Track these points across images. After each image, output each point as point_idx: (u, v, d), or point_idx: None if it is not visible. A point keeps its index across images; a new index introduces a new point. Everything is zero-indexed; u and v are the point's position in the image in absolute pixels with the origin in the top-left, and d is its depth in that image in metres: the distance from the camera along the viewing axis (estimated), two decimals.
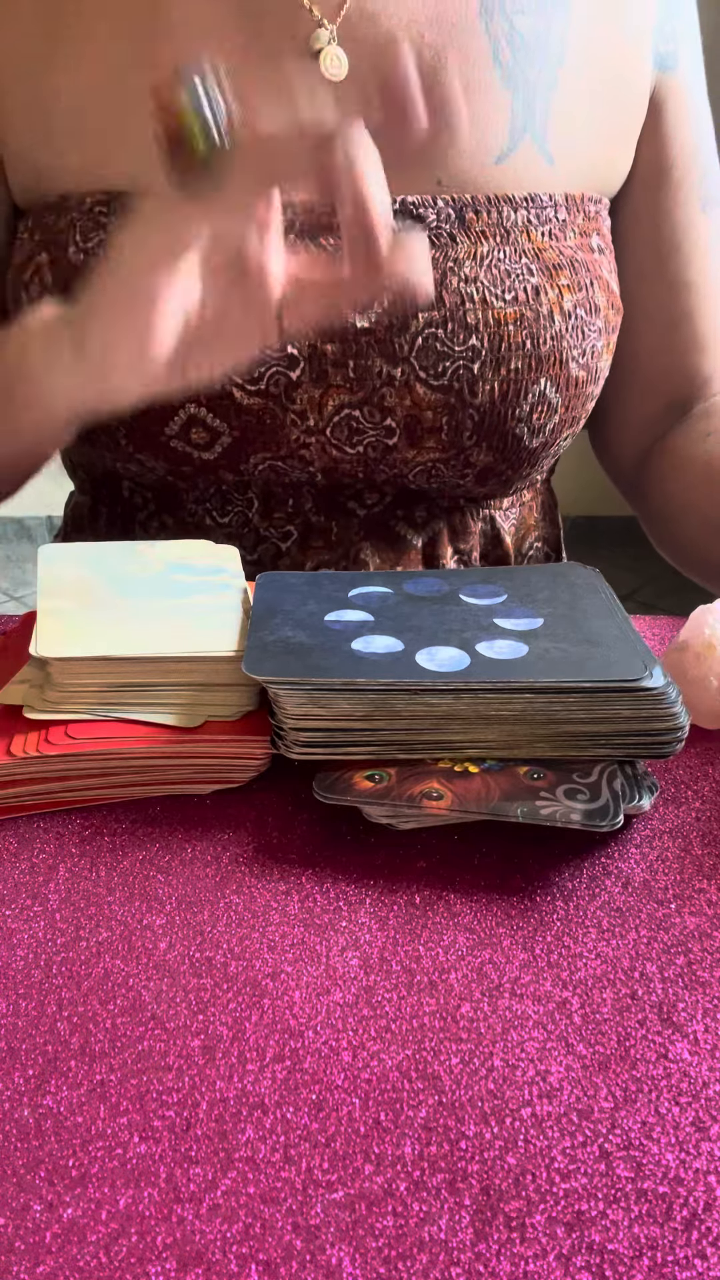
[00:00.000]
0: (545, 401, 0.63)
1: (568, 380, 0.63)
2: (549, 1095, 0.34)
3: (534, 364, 0.62)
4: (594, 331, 0.64)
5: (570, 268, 0.63)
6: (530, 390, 0.62)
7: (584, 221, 0.65)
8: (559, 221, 0.63)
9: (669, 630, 0.63)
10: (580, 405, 0.66)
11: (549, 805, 0.43)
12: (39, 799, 0.47)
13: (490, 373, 0.61)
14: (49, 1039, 0.36)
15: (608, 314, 0.66)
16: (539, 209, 0.62)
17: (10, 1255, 0.29)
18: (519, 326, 0.61)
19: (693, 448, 0.73)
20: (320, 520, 0.69)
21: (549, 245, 0.63)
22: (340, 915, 0.41)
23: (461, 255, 0.60)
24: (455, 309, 0.60)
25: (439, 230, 0.60)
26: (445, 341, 0.60)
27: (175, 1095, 0.34)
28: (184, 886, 0.43)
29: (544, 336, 0.61)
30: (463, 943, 0.40)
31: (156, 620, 0.50)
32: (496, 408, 0.62)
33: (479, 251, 0.61)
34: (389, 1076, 0.34)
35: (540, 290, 0.61)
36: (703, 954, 0.39)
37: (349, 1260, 0.29)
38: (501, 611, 0.51)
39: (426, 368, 0.60)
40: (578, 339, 0.63)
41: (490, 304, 0.60)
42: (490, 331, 0.60)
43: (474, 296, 0.60)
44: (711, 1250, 0.29)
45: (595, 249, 0.66)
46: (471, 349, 0.60)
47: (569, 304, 0.62)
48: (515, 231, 0.62)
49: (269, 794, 0.48)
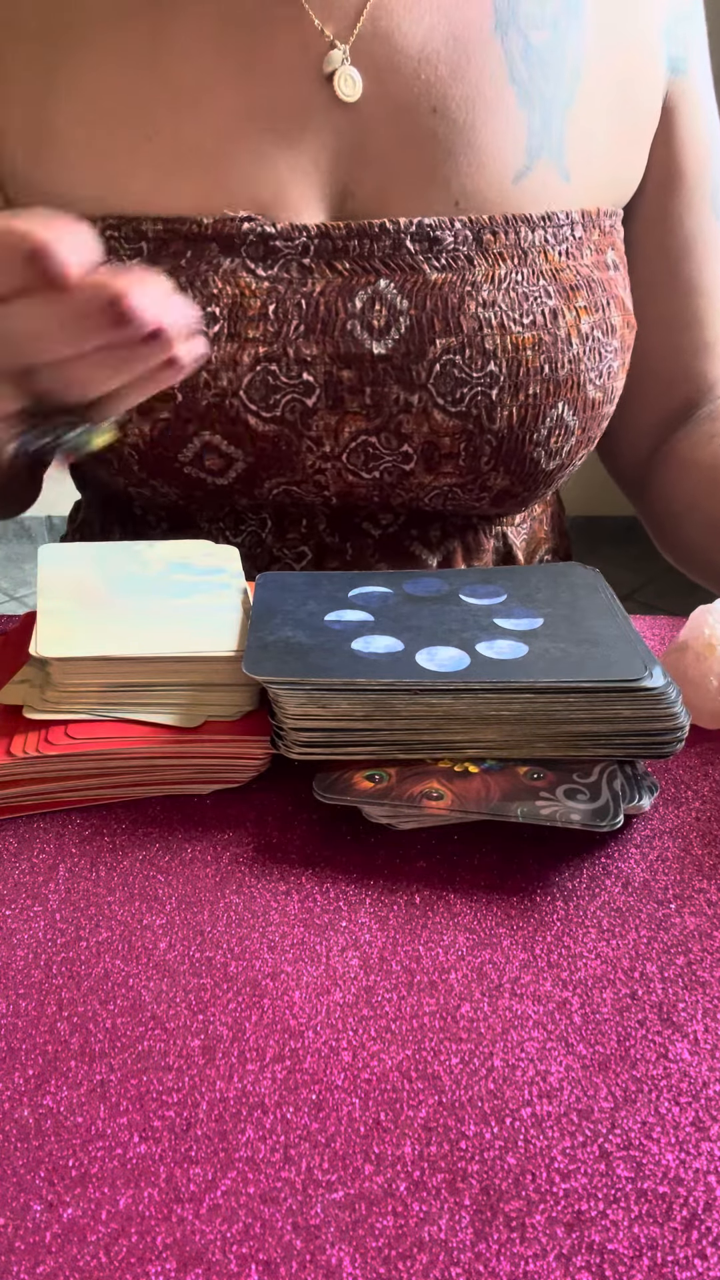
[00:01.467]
0: (563, 425, 0.63)
1: (585, 403, 0.63)
2: (549, 1095, 0.34)
3: (552, 388, 0.61)
4: (610, 352, 0.64)
5: (587, 288, 0.63)
6: (548, 415, 0.62)
7: (599, 237, 0.65)
8: (575, 239, 0.63)
9: (669, 630, 0.63)
10: (596, 425, 0.66)
11: (549, 805, 0.43)
12: (39, 799, 0.47)
13: (508, 398, 0.60)
14: (49, 1039, 0.36)
15: (623, 333, 0.65)
16: (555, 228, 0.62)
17: (10, 1255, 0.29)
18: (537, 351, 0.60)
19: (698, 451, 0.72)
20: (334, 541, 0.68)
21: (566, 265, 0.62)
22: (340, 915, 0.41)
23: (479, 278, 0.60)
24: (473, 335, 0.59)
25: (456, 252, 0.60)
26: (463, 368, 0.59)
27: (175, 1095, 0.34)
28: (184, 886, 0.43)
29: (562, 360, 0.61)
30: (463, 943, 0.40)
31: (156, 620, 0.50)
32: (515, 433, 0.61)
33: (496, 274, 0.60)
34: (389, 1076, 0.34)
35: (558, 313, 0.61)
36: (703, 954, 0.39)
37: (349, 1260, 0.29)
38: (501, 611, 0.51)
39: (444, 394, 0.60)
40: (595, 361, 0.63)
41: (508, 329, 0.60)
42: (508, 357, 0.60)
43: (492, 322, 0.59)
44: (711, 1250, 0.29)
45: (610, 265, 0.65)
46: (490, 375, 0.60)
47: (586, 326, 0.62)
48: (533, 252, 0.61)
49: (269, 794, 0.48)
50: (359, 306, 0.59)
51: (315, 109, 0.60)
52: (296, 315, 0.59)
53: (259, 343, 0.59)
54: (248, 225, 0.59)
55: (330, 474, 0.63)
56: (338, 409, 0.60)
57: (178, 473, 0.63)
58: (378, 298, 0.59)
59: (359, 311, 0.59)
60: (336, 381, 0.60)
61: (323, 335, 0.59)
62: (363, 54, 0.60)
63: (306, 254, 0.60)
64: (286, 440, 0.61)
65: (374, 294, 0.59)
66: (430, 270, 0.59)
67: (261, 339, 0.59)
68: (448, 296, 0.59)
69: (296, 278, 0.60)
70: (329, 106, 0.60)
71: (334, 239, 0.60)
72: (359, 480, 0.63)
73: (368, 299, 0.59)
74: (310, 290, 0.59)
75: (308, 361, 0.59)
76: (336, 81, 0.60)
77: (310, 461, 0.62)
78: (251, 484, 0.63)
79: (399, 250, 0.59)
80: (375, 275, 0.59)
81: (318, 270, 0.60)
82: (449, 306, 0.59)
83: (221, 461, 0.62)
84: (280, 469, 0.62)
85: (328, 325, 0.59)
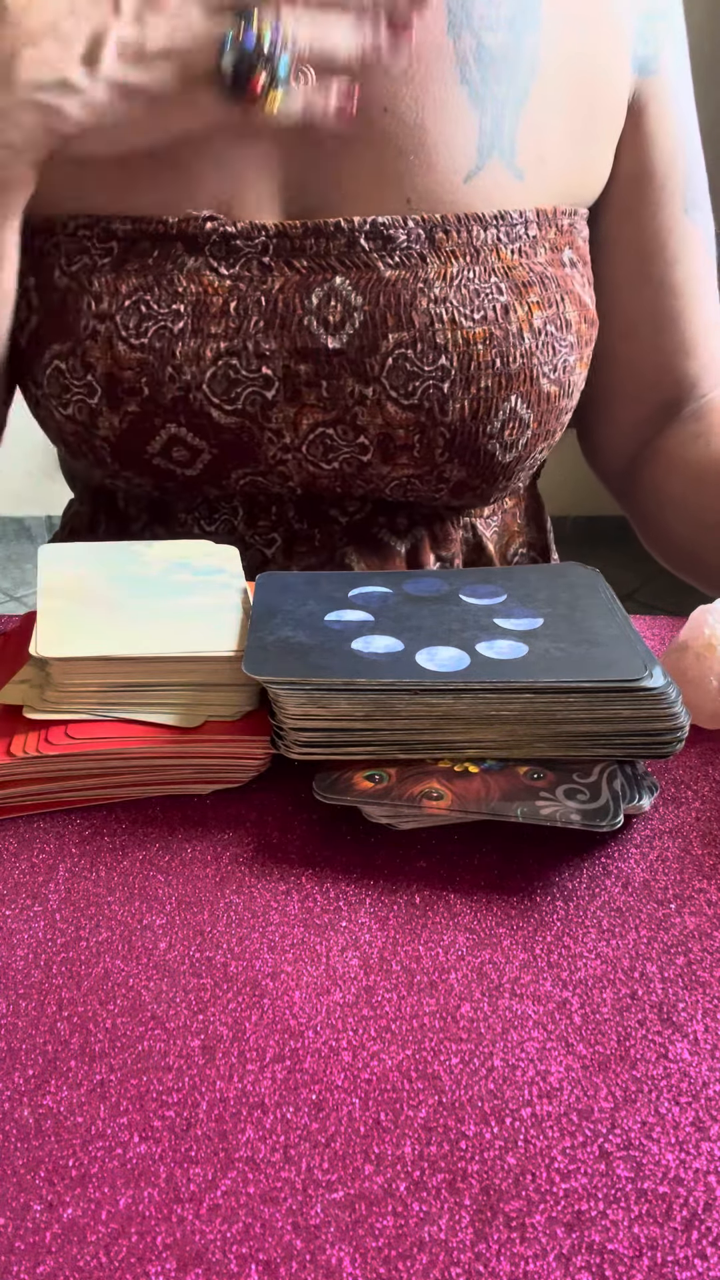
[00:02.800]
0: (517, 418, 0.64)
1: (539, 396, 0.64)
2: (549, 1095, 0.34)
3: (504, 382, 0.62)
4: (565, 347, 0.64)
5: (540, 284, 0.63)
6: (501, 408, 0.63)
7: (555, 236, 0.65)
8: (529, 238, 0.64)
9: (669, 630, 0.63)
10: (554, 419, 0.67)
11: (549, 805, 0.43)
12: (39, 799, 0.47)
13: (460, 391, 0.61)
14: (49, 1039, 0.36)
15: (580, 328, 0.66)
16: (509, 226, 0.63)
17: (10, 1255, 0.29)
18: (488, 345, 0.61)
19: (683, 450, 0.73)
20: (303, 528, 0.70)
21: (519, 263, 0.63)
22: (340, 915, 0.41)
23: (431, 276, 0.61)
24: (425, 329, 0.60)
25: (409, 250, 0.61)
26: (415, 361, 0.60)
27: (175, 1095, 0.34)
28: (184, 886, 0.43)
29: (514, 354, 0.62)
30: (463, 943, 0.40)
31: (156, 620, 0.50)
32: (468, 425, 0.62)
33: (449, 272, 0.61)
34: (389, 1076, 0.34)
35: (509, 309, 0.62)
36: (703, 954, 0.39)
37: (349, 1260, 0.29)
38: (501, 611, 0.51)
39: (397, 387, 0.61)
40: (548, 355, 0.63)
41: (459, 324, 0.60)
42: (460, 351, 0.61)
43: (443, 317, 0.60)
44: (711, 1250, 0.29)
45: (567, 263, 0.66)
46: (441, 369, 0.61)
47: (539, 321, 0.63)
48: (485, 250, 0.62)
49: (269, 794, 0.48)
50: (315, 303, 0.61)
51: None
52: (256, 312, 0.61)
53: (220, 338, 0.61)
54: (210, 225, 0.61)
55: (292, 464, 0.64)
56: (295, 401, 0.62)
57: (148, 464, 0.65)
58: (333, 294, 0.60)
59: (315, 308, 0.60)
60: (294, 375, 0.61)
61: (281, 330, 0.61)
62: None
63: (266, 252, 0.61)
64: (248, 432, 0.63)
65: (330, 290, 0.61)
66: (384, 268, 0.60)
67: (223, 334, 0.61)
68: (400, 293, 0.60)
69: (257, 275, 0.61)
70: None
71: (291, 238, 0.61)
72: (320, 471, 0.65)
73: (324, 295, 0.61)
74: (270, 287, 0.61)
75: (267, 356, 0.61)
76: None
77: (272, 453, 0.64)
78: (219, 475, 0.65)
79: (354, 248, 0.61)
80: (331, 273, 0.61)
81: (277, 268, 0.61)
82: (401, 302, 0.60)
83: (188, 453, 0.64)
84: (244, 460, 0.64)
85: (286, 321, 0.61)
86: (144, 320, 0.61)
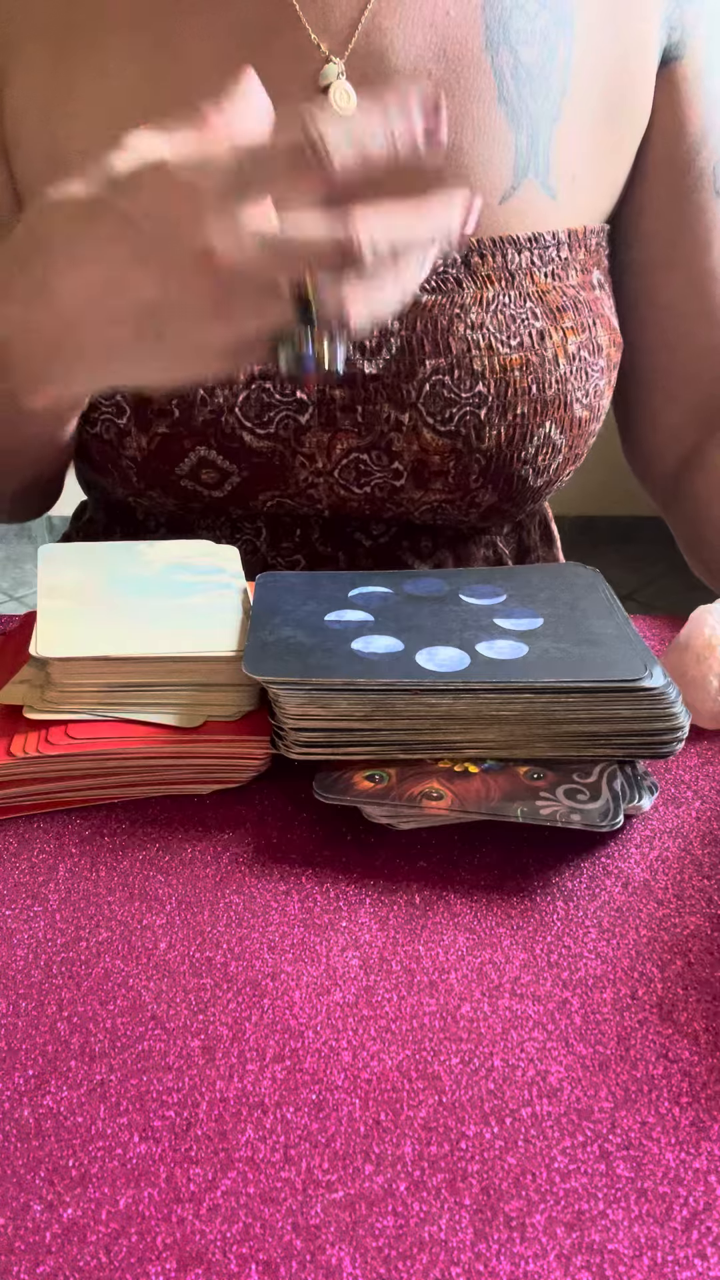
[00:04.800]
0: (550, 443, 0.64)
1: (572, 421, 0.64)
2: (549, 1095, 0.34)
3: (539, 408, 0.62)
4: (597, 371, 0.64)
5: (574, 309, 0.63)
6: (535, 434, 0.63)
7: (585, 256, 0.65)
8: (561, 260, 0.63)
9: (669, 630, 0.63)
10: (583, 443, 0.66)
11: (549, 805, 0.43)
12: (39, 799, 0.47)
13: (497, 418, 0.61)
14: (49, 1039, 0.36)
15: (610, 352, 0.66)
16: (542, 249, 0.63)
17: (10, 1255, 0.29)
18: (524, 372, 0.61)
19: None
20: (327, 550, 0.69)
21: (552, 287, 0.63)
22: (340, 915, 0.41)
23: (468, 301, 0.61)
24: (462, 356, 0.60)
25: (445, 275, 0.61)
26: (452, 388, 0.60)
27: (175, 1095, 0.34)
28: (184, 886, 0.43)
29: (549, 381, 0.62)
30: (463, 943, 0.40)
31: (156, 620, 0.50)
32: (503, 452, 0.62)
33: (485, 297, 0.61)
34: (389, 1076, 0.34)
35: (545, 334, 0.62)
36: (703, 954, 0.39)
37: (349, 1260, 0.29)
38: (501, 611, 0.51)
39: (434, 413, 0.61)
40: (582, 380, 0.63)
41: (496, 350, 0.60)
42: (496, 378, 0.61)
43: (480, 343, 0.60)
44: (711, 1250, 0.29)
45: (596, 285, 0.66)
46: (478, 395, 0.61)
47: (573, 346, 0.63)
48: (520, 275, 0.62)
49: (269, 794, 0.48)
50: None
51: None
52: None
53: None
54: None
55: (322, 488, 0.64)
56: (330, 426, 0.62)
57: (174, 485, 0.64)
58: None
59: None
60: (329, 400, 0.61)
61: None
62: (357, 69, 0.60)
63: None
64: (280, 456, 0.62)
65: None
66: (421, 293, 0.60)
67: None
68: (437, 318, 0.60)
69: None
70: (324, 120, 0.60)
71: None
72: (350, 495, 0.64)
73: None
74: None
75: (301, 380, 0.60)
76: (332, 94, 0.60)
77: (303, 476, 0.63)
78: (246, 497, 0.65)
79: None
80: None
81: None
82: (438, 328, 0.60)
83: (217, 475, 0.63)
84: (273, 483, 0.64)
85: None
86: None
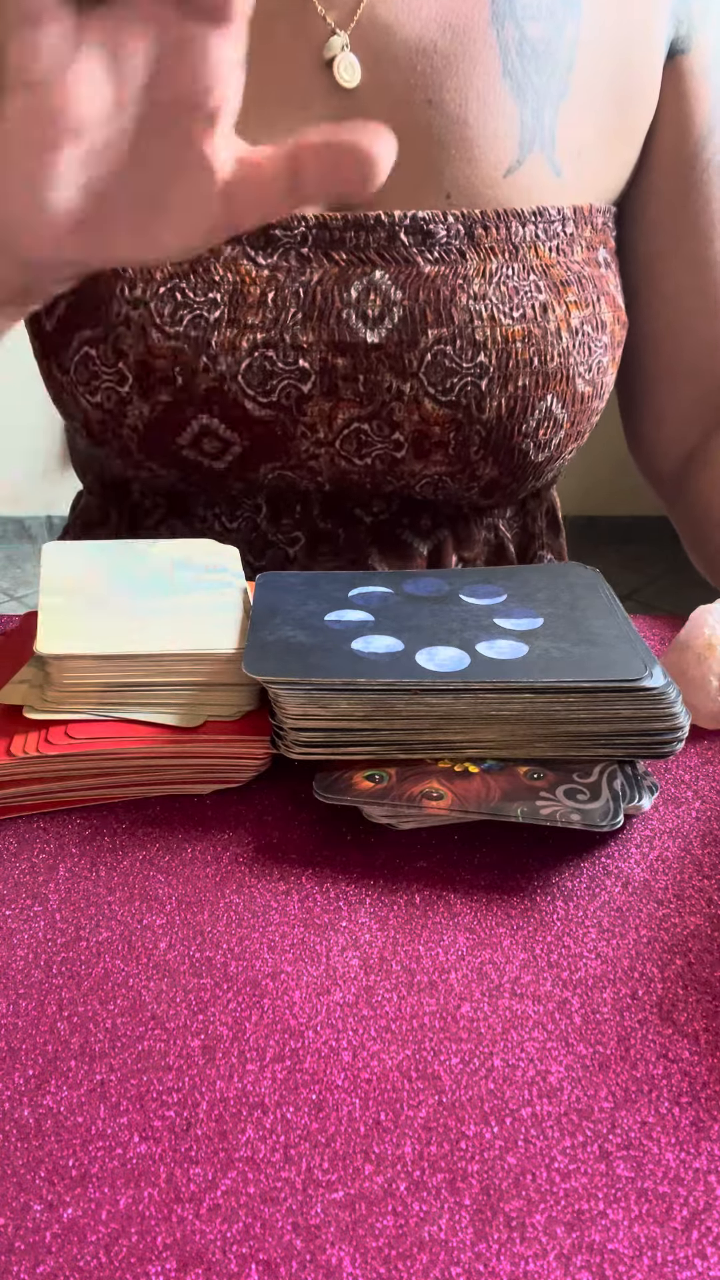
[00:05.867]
0: (551, 417, 0.63)
1: (574, 396, 0.64)
2: (549, 1095, 0.34)
3: (541, 381, 0.62)
4: (600, 347, 0.64)
5: (578, 284, 0.63)
6: (537, 407, 0.62)
7: (591, 234, 0.65)
8: (566, 236, 0.63)
9: (669, 630, 0.63)
10: (585, 420, 0.66)
11: (549, 805, 0.43)
12: (39, 799, 0.47)
13: (498, 389, 0.61)
14: (49, 1039, 0.36)
15: (614, 329, 0.66)
16: (547, 223, 0.63)
17: (10, 1255, 0.29)
18: (526, 344, 0.61)
19: None
20: (327, 527, 0.69)
21: (557, 261, 0.63)
22: (340, 915, 0.41)
23: (471, 272, 0.61)
24: (464, 326, 0.60)
25: (449, 246, 0.61)
26: (454, 358, 0.60)
27: (175, 1095, 0.34)
28: (184, 886, 0.43)
29: (551, 353, 0.62)
30: (463, 943, 0.40)
31: (157, 618, 0.50)
32: (504, 424, 0.62)
33: (488, 268, 0.61)
34: (389, 1076, 0.34)
35: (548, 307, 0.62)
36: (703, 954, 0.39)
37: (349, 1260, 0.29)
38: (501, 611, 0.51)
39: (435, 384, 0.61)
40: (584, 355, 0.63)
41: (499, 321, 0.60)
42: (498, 349, 0.61)
43: (482, 314, 0.60)
44: (711, 1250, 0.29)
45: (602, 262, 0.66)
46: (479, 366, 0.61)
47: (576, 320, 0.63)
48: (524, 247, 0.62)
49: (269, 794, 0.48)
50: (354, 296, 0.60)
51: (315, 94, 0.61)
52: (294, 303, 0.60)
53: (257, 329, 0.60)
54: None
55: (324, 460, 0.64)
56: (332, 395, 0.61)
57: (176, 455, 0.64)
58: (373, 288, 0.60)
59: (354, 301, 0.60)
60: (331, 368, 0.61)
61: (319, 323, 0.60)
62: (362, 42, 0.60)
63: (305, 243, 0.61)
64: (282, 425, 0.62)
65: (369, 284, 0.60)
66: (424, 263, 0.60)
67: (260, 325, 0.60)
68: (440, 288, 0.60)
69: (295, 266, 0.61)
70: (328, 92, 0.61)
71: (331, 229, 0.60)
72: (351, 466, 0.64)
73: (363, 289, 0.60)
74: (308, 279, 0.60)
75: (304, 348, 0.60)
76: (336, 67, 0.60)
77: (304, 447, 0.63)
78: (246, 468, 0.64)
79: (394, 242, 0.60)
80: (371, 266, 0.60)
81: (315, 260, 0.61)
82: (441, 298, 0.60)
83: (219, 445, 0.63)
84: (275, 454, 0.63)
85: (324, 313, 0.60)
86: (179, 308, 0.60)
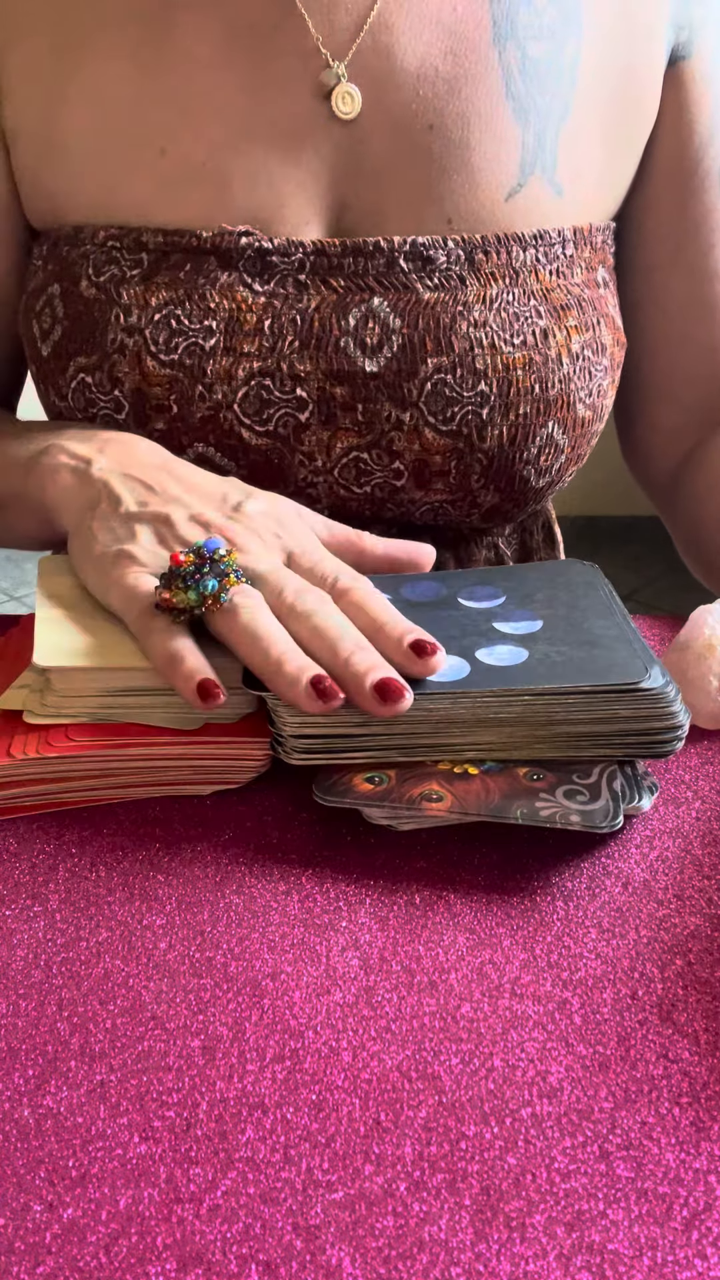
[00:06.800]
0: (552, 443, 0.63)
1: (574, 421, 0.63)
2: (549, 1095, 0.34)
3: (542, 408, 0.61)
4: (600, 371, 0.64)
5: (578, 307, 0.63)
6: (538, 434, 0.62)
7: (590, 254, 0.65)
8: (566, 258, 0.63)
9: (669, 630, 0.63)
10: (585, 443, 0.66)
11: (548, 806, 0.43)
12: (39, 800, 0.47)
13: (499, 418, 0.61)
14: (49, 1039, 0.36)
15: (613, 351, 0.65)
16: (548, 246, 0.62)
17: (10, 1255, 0.29)
18: (527, 371, 0.60)
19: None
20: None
21: (557, 284, 0.62)
22: (340, 915, 0.41)
23: (471, 298, 0.60)
24: (464, 355, 0.59)
25: (449, 272, 0.60)
26: (454, 387, 0.60)
27: (175, 1095, 0.34)
28: (184, 886, 0.43)
29: (552, 380, 0.61)
30: (463, 943, 0.40)
31: None
32: (505, 452, 0.62)
33: (488, 294, 0.60)
34: (389, 1076, 0.34)
35: (549, 333, 0.61)
36: (703, 954, 0.39)
37: (349, 1260, 0.29)
38: (500, 615, 0.51)
39: (435, 413, 0.60)
40: (585, 380, 0.63)
41: (499, 349, 0.60)
42: (499, 377, 0.60)
43: (483, 342, 0.60)
44: (711, 1250, 0.29)
45: (601, 283, 0.65)
46: (480, 394, 0.60)
47: (576, 345, 0.62)
48: (524, 272, 0.61)
49: (269, 795, 0.48)
50: (353, 324, 0.60)
51: (314, 125, 0.60)
52: (291, 331, 0.60)
53: (254, 357, 0.60)
54: (245, 240, 0.59)
55: (322, 488, 0.63)
56: (330, 425, 0.61)
57: None
58: (371, 315, 0.60)
59: (352, 329, 0.60)
60: (329, 398, 0.60)
61: (316, 351, 0.60)
62: (362, 70, 0.60)
63: (303, 270, 0.60)
64: (279, 454, 0.62)
65: (367, 312, 0.60)
66: (423, 290, 0.60)
67: (256, 354, 0.60)
68: (439, 316, 0.60)
69: (293, 293, 0.60)
70: (327, 123, 0.60)
71: (329, 256, 0.60)
72: (350, 495, 0.64)
73: (361, 316, 0.60)
74: (305, 306, 0.60)
75: (301, 377, 0.60)
76: (335, 99, 0.60)
77: (302, 475, 0.63)
78: None
79: (392, 269, 0.60)
80: (369, 293, 0.60)
81: (313, 286, 0.60)
82: (441, 326, 0.60)
83: (216, 473, 0.62)
84: (272, 482, 0.63)
85: (322, 342, 0.60)
86: (174, 336, 0.60)
